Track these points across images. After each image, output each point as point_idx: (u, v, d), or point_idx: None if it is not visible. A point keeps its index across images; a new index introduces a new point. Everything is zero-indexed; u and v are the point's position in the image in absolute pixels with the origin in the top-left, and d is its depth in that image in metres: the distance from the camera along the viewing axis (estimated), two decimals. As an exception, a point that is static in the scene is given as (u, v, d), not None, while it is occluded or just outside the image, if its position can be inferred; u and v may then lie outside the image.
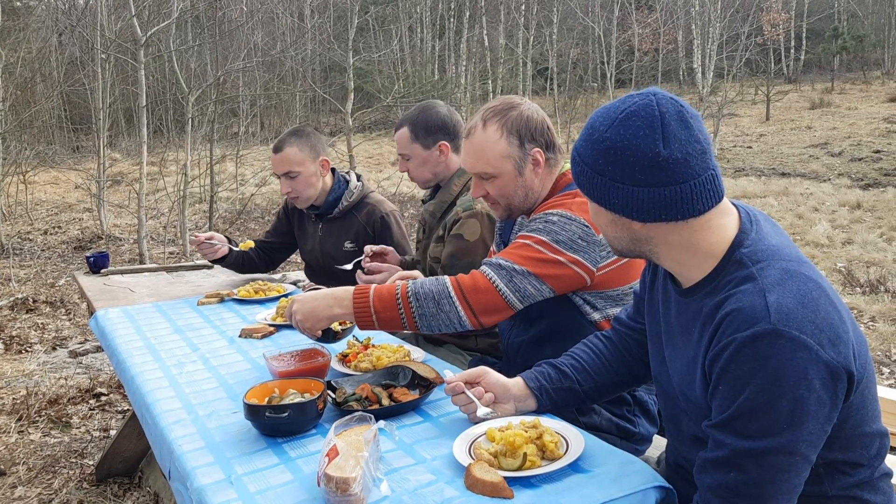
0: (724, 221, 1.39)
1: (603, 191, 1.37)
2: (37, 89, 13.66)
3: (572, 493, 1.36)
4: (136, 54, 8.32)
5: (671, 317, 1.50)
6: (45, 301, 6.68)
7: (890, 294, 6.14)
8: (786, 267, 1.31)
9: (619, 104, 1.38)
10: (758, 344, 1.23)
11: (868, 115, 22.07)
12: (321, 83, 20.43)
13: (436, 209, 2.87)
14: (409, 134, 2.87)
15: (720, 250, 1.38)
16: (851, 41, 32.39)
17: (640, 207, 1.34)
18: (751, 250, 1.35)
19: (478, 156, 2.07)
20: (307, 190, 3.28)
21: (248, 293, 3.00)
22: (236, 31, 17.27)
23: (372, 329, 1.95)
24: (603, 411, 2.08)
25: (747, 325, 1.24)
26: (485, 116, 2.08)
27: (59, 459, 3.63)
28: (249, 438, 1.66)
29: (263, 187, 13.20)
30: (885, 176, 12.82)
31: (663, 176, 1.31)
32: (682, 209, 1.33)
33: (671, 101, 1.34)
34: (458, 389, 1.69)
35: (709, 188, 1.33)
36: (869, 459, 1.40)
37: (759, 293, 1.27)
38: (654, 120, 1.31)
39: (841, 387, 1.25)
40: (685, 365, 1.43)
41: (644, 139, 1.31)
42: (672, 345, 1.50)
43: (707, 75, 20.45)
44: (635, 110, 1.33)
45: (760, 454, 1.24)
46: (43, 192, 14.19)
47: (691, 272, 1.41)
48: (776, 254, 1.34)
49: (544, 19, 28.83)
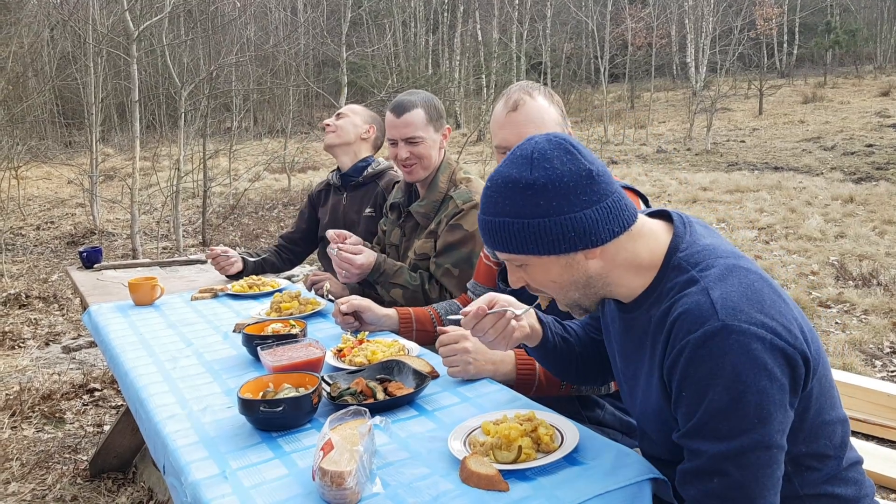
0: (652, 225, 1.41)
1: (553, 233, 1.32)
2: (29, 84, 13.59)
3: (567, 486, 1.37)
4: (129, 49, 8.29)
5: (621, 336, 1.50)
6: (37, 296, 6.65)
7: (882, 287, 6.17)
8: (725, 263, 1.32)
9: (519, 153, 1.37)
10: (711, 343, 1.22)
11: (860, 110, 22.13)
12: (314, 78, 20.40)
13: (428, 209, 2.85)
14: (425, 116, 2.79)
15: (658, 258, 1.38)
16: (844, 36, 32.46)
17: (596, 228, 1.33)
18: (687, 253, 1.36)
19: (536, 123, 2.06)
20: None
21: (242, 288, 2.99)
22: (229, 26, 17.20)
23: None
24: (607, 405, 2.09)
25: (697, 326, 1.24)
26: (526, 90, 2.10)
27: (53, 455, 3.62)
28: (244, 433, 1.66)
29: (257, 182, 13.17)
30: (877, 170, 12.85)
31: (601, 189, 1.33)
32: (626, 216, 1.35)
33: (556, 133, 1.38)
34: (482, 312, 1.57)
35: (623, 193, 1.37)
36: (834, 449, 1.40)
37: (702, 292, 1.27)
38: (564, 146, 1.35)
39: (799, 371, 1.25)
40: (643, 380, 1.43)
41: (570, 163, 1.33)
42: (629, 363, 1.49)
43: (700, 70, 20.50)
44: (542, 147, 1.35)
45: (738, 454, 1.23)
46: (35, 187, 14.13)
47: (634, 287, 1.41)
48: (713, 252, 1.35)
49: (538, 14, 28.83)
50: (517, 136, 2.08)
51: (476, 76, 25.90)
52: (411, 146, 2.78)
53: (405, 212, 2.97)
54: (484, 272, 2.48)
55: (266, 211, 11.71)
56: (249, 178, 12.87)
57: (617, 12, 29.98)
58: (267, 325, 2.28)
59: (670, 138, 20.60)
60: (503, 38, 28.01)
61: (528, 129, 2.07)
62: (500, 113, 2.12)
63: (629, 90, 29.85)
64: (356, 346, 2.14)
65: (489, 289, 2.47)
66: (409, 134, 2.77)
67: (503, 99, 2.14)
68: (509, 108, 2.09)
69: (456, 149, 16.09)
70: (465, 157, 16.18)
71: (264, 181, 13.96)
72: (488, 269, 2.45)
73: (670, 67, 34.06)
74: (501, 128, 2.12)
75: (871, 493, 1.47)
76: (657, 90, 30.20)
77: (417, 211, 2.88)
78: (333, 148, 3.44)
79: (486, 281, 2.47)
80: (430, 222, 2.83)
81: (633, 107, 28.54)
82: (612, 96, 28.98)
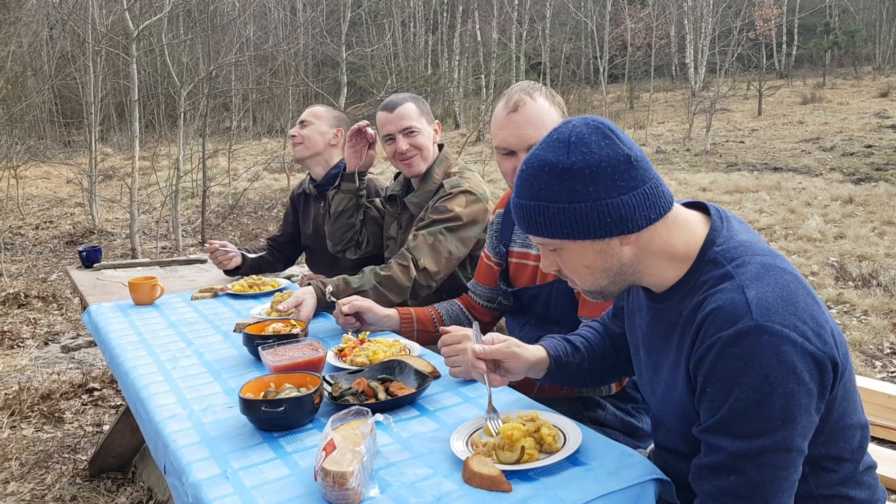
0: (688, 215, 1.40)
1: (590, 218, 1.31)
2: (28, 83, 13.57)
3: (570, 486, 1.36)
4: (128, 48, 8.28)
5: (648, 326, 1.49)
6: (37, 296, 6.64)
7: (882, 288, 6.17)
8: (761, 261, 1.31)
9: (556, 136, 1.36)
10: (742, 342, 1.21)
11: (859, 110, 22.15)
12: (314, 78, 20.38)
13: (422, 199, 2.85)
14: (416, 108, 2.81)
15: (693, 250, 1.37)
16: (843, 36, 32.49)
17: (633, 214, 1.31)
18: (724, 248, 1.35)
19: (536, 124, 2.06)
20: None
21: (243, 288, 2.99)
22: (228, 26, 17.17)
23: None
24: (609, 406, 2.09)
25: (730, 324, 1.23)
26: (527, 90, 2.10)
27: (52, 455, 3.62)
28: (245, 433, 1.65)
29: (256, 182, 13.16)
30: (876, 171, 12.86)
31: (639, 175, 1.31)
32: (662, 203, 1.34)
33: (598, 117, 1.37)
34: (481, 370, 1.61)
35: (661, 180, 1.36)
36: (852, 453, 1.40)
37: (738, 290, 1.26)
38: (603, 130, 1.33)
39: (827, 377, 1.24)
40: (668, 371, 1.42)
41: (608, 148, 1.31)
42: (654, 353, 1.48)
43: (699, 70, 20.52)
44: (580, 130, 1.34)
45: (757, 454, 1.23)
46: (34, 186, 14.12)
47: (667, 278, 1.40)
48: (749, 249, 1.34)
49: (537, 14, 28.84)
50: (517, 137, 2.07)
51: (475, 76, 25.92)
52: (409, 137, 2.79)
53: (401, 203, 2.97)
54: (484, 272, 2.47)
55: (265, 211, 11.71)
56: (249, 178, 12.89)
57: (616, 13, 30.01)
58: (268, 324, 2.28)
59: (669, 139, 20.62)
60: (502, 39, 28.02)
61: (528, 131, 2.06)
62: (501, 113, 2.11)
63: (628, 90, 29.84)
64: (357, 346, 2.14)
65: (490, 288, 2.46)
66: (406, 125, 2.79)
67: (504, 99, 2.13)
68: (510, 108, 2.08)
69: (455, 149, 16.09)
70: (465, 157, 16.18)
71: (263, 181, 13.95)
72: (489, 269, 2.45)
73: (669, 68, 34.07)
74: (501, 128, 2.11)
75: (882, 497, 1.46)
76: (656, 91, 30.20)
77: (412, 202, 2.88)
78: (304, 161, 3.41)
79: (486, 280, 2.47)
80: (422, 211, 2.83)
81: (633, 107, 28.54)
82: (611, 97, 29.00)
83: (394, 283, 2.60)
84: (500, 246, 2.38)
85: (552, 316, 2.19)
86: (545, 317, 2.22)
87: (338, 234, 3.10)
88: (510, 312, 2.40)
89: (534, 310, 2.25)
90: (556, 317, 2.18)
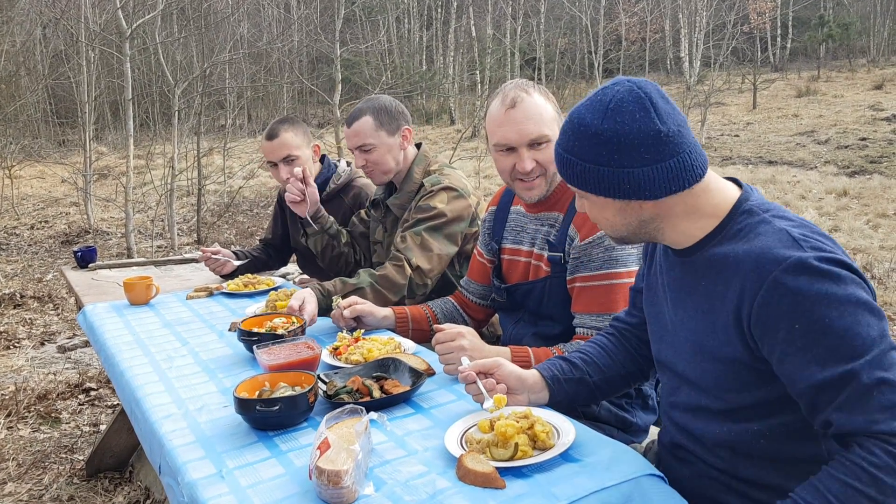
0: (721, 183, 1.46)
1: (611, 181, 1.40)
2: (21, 83, 13.55)
3: (564, 483, 1.37)
4: (122, 47, 8.26)
5: (676, 281, 1.53)
6: (32, 296, 6.63)
7: (876, 280, 6.19)
8: (795, 216, 1.40)
9: (600, 97, 1.42)
10: (803, 273, 1.27)
11: (854, 103, 22.15)
12: (308, 75, 20.31)
13: (404, 200, 2.86)
14: (374, 122, 2.81)
15: (723, 210, 1.44)
16: (837, 29, 32.48)
17: (653, 185, 1.39)
18: (758, 203, 1.43)
19: (535, 119, 2.08)
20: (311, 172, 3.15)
21: (238, 287, 2.99)
22: (222, 23, 17.12)
23: None
24: (603, 402, 2.10)
25: (783, 258, 1.28)
26: (522, 87, 2.11)
27: (49, 455, 3.62)
28: (240, 432, 1.66)
29: (251, 180, 13.14)
30: (870, 163, 12.88)
31: (666, 150, 1.37)
32: (688, 177, 1.40)
33: (647, 83, 1.42)
34: (470, 379, 1.68)
35: (699, 151, 1.41)
36: None
37: (781, 231, 1.34)
38: (643, 102, 1.38)
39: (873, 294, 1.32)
40: (701, 320, 1.45)
41: (641, 121, 1.37)
42: (681, 307, 1.51)
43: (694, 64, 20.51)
44: (622, 97, 1.39)
45: (881, 357, 1.23)
46: (29, 186, 14.07)
47: (692, 234, 1.46)
48: (782, 209, 1.43)
49: (531, 9, 28.77)
50: (518, 133, 2.08)
51: (470, 72, 25.88)
52: (365, 154, 2.83)
53: (385, 207, 2.97)
54: (477, 269, 2.48)
55: (261, 209, 11.68)
56: (244, 176, 12.84)
57: (610, 7, 29.97)
58: (267, 318, 2.28)
59: (665, 133, 20.57)
60: (497, 34, 27.95)
61: (528, 126, 2.07)
62: (498, 111, 2.11)
63: (623, 85, 29.75)
64: (352, 343, 2.14)
65: (482, 286, 2.47)
66: (359, 143, 2.82)
67: (499, 97, 2.13)
68: (507, 105, 2.09)
69: (451, 145, 16.07)
70: (460, 153, 16.16)
71: (259, 178, 13.92)
72: (481, 266, 2.46)
73: (664, 62, 34.01)
74: (500, 126, 2.11)
75: None
76: (651, 85, 30.12)
77: (394, 203, 2.89)
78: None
79: (479, 278, 2.48)
80: (406, 213, 2.84)
81: (628, 102, 28.45)
82: (606, 91, 28.88)
83: (389, 282, 2.62)
84: (492, 243, 2.39)
85: (545, 311, 2.20)
86: (538, 312, 2.23)
87: (332, 267, 3.15)
88: (503, 309, 2.41)
89: (527, 306, 2.26)
90: (549, 312, 2.19)
